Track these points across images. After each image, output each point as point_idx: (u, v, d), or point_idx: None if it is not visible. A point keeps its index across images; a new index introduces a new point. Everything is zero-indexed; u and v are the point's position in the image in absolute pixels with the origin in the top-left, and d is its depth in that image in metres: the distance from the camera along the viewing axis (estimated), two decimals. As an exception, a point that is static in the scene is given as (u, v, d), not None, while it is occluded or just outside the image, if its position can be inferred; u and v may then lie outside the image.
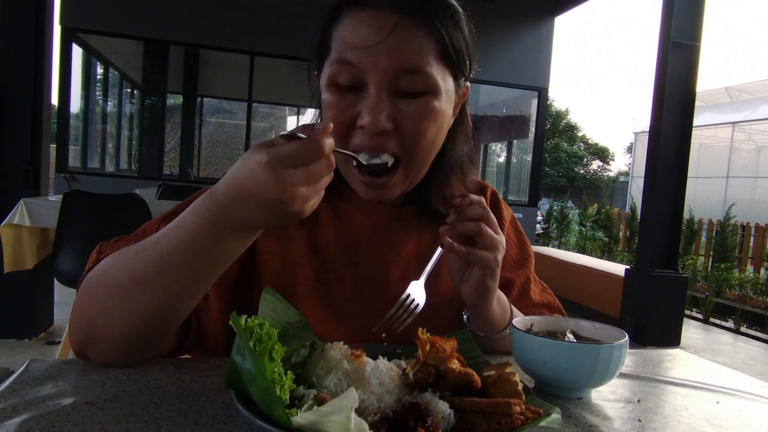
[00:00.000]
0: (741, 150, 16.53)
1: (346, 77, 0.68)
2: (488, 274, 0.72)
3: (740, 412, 0.66)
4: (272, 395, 0.46)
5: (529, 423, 0.50)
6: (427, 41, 0.67)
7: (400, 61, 0.66)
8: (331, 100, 0.70)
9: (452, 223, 0.71)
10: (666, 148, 4.27)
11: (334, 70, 0.68)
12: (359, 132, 0.69)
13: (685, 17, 4.25)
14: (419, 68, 0.67)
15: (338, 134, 0.69)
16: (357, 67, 0.67)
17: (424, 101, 0.69)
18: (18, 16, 3.21)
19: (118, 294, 0.62)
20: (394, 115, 0.68)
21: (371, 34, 0.65)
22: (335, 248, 0.81)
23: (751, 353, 4.50)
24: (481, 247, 0.71)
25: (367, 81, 0.67)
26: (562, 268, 5.66)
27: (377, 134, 0.67)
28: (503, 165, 11.32)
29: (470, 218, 0.71)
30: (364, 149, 0.69)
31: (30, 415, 0.50)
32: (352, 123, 0.69)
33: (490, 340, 0.79)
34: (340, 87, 0.69)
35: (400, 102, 0.68)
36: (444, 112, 0.72)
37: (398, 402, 0.53)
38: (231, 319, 0.50)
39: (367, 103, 0.67)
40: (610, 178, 34.61)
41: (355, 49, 0.66)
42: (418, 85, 0.68)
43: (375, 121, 0.66)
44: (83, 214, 2.43)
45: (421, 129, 0.69)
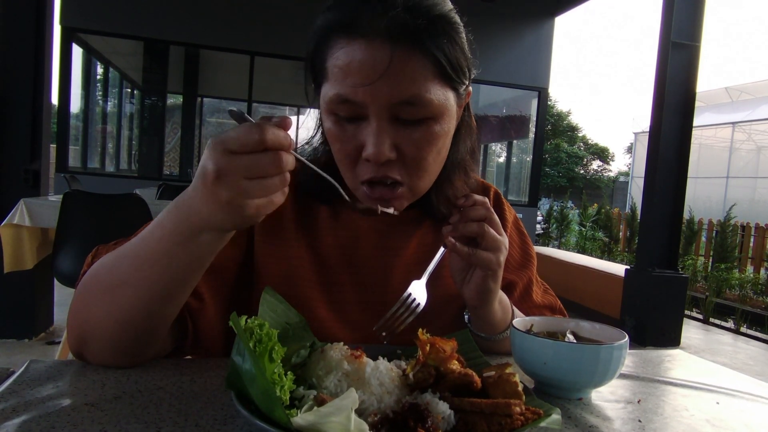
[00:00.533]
0: (741, 150, 16.53)
1: (346, 112, 0.68)
2: (490, 276, 0.72)
3: (740, 413, 0.66)
4: (272, 396, 0.46)
5: (529, 423, 0.50)
6: (424, 67, 0.66)
7: (398, 94, 0.65)
8: (334, 132, 0.70)
9: (455, 224, 0.71)
10: (666, 148, 4.27)
11: (333, 106, 0.68)
12: (364, 164, 0.69)
13: (685, 17, 4.25)
14: (418, 98, 0.66)
15: (346, 167, 0.71)
16: (357, 104, 0.66)
17: (425, 127, 0.68)
18: (18, 16, 3.21)
19: (105, 295, 0.62)
20: (397, 143, 0.68)
21: (367, 69, 0.64)
22: (336, 251, 0.81)
23: (751, 353, 4.50)
24: (484, 248, 0.70)
25: (368, 113, 0.66)
26: (562, 269, 5.66)
27: (382, 164, 0.68)
28: (503, 165, 11.33)
29: (473, 219, 0.71)
30: (372, 179, 0.70)
31: (30, 416, 0.50)
32: (357, 155, 0.69)
33: (491, 341, 0.79)
34: (340, 118, 0.69)
35: (402, 130, 0.68)
36: (447, 132, 0.72)
37: (398, 403, 0.53)
38: (231, 320, 0.50)
39: (369, 134, 0.67)
40: (610, 179, 34.62)
41: (352, 85, 0.65)
42: (419, 113, 0.67)
43: (378, 152, 0.66)
44: (83, 214, 2.43)
45: (424, 154, 0.70)
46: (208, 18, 7.00)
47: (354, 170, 0.71)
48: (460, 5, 0.74)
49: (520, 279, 0.92)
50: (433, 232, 0.85)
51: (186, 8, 6.94)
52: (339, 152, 0.71)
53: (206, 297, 0.74)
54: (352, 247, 0.82)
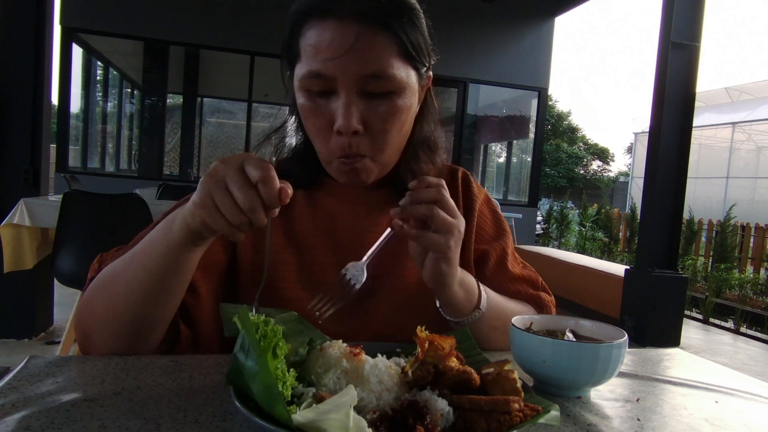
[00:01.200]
0: (741, 150, 16.53)
1: (318, 86, 0.73)
2: (441, 258, 0.70)
3: (739, 412, 0.66)
4: (275, 392, 0.46)
5: (528, 420, 0.50)
6: (388, 44, 0.72)
7: (365, 68, 0.71)
8: (307, 107, 0.75)
9: (404, 206, 0.70)
10: (666, 148, 4.27)
11: (306, 81, 0.73)
12: (337, 138, 0.74)
13: (685, 17, 4.25)
14: (383, 72, 0.72)
15: (320, 141, 0.77)
16: (327, 78, 0.71)
17: (389, 101, 0.74)
18: (18, 16, 3.21)
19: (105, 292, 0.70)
20: (364, 117, 0.73)
21: (336, 44, 0.70)
22: (314, 234, 0.84)
23: (750, 353, 4.50)
24: (434, 231, 0.69)
25: (337, 87, 0.72)
26: (562, 269, 5.66)
27: (351, 135, 0.73)
28: (503, 165, 11.33)
29: (423, 201, 0.69)
30: (342, 151, 0.74)
31: (29, 412, 0.50)
32: (329, 128, 0.74)
33: (460, 324, 0.78)
34: (312, 93, 0.74)
35: (369, 103, 0.73)
36: (409, 107, 0.77)
37: (397, 400, 0.53)
38: (238, 315, 0.50)
39: (339, 107, 0.72)
40: (610, 179, 34.61)
41: (322, 60, 0.71)
42: (384, 86, 0.73)
43: (348, 124, 0.71)
44: (83, 214, 2.43)
45: (389, 127, 0.75)
46: (209, 18, 7.00)
47: (327, 144, 0.76)
48: (461, 5, 0.76)
49: (493, 249, 0.93)
50: None
51: (186, 8, 6.94)
52: (312, 126, 0.76)
53: (202, 292, 0.77)
54: (330, 230, 0.85)
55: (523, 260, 0.99)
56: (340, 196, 0.87)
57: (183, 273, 0.67)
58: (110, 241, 2.67)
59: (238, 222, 0.57)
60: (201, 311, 0.77)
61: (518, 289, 0.93)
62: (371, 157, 0.76)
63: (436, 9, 0.83)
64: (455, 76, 7.91)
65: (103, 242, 2.50)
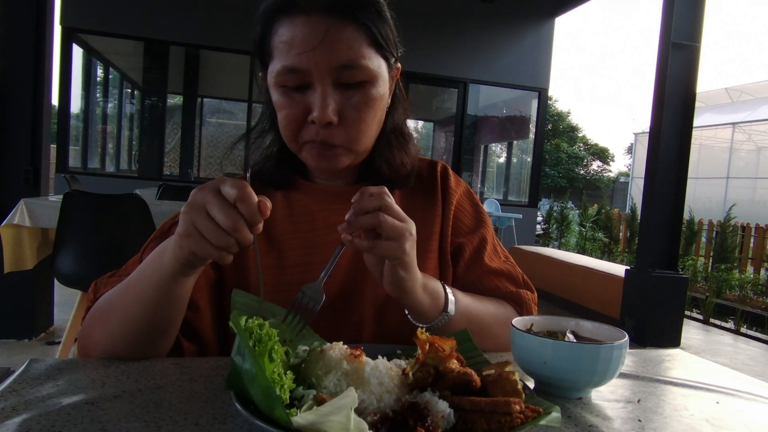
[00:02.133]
0: (741, 151, 16.52)
1: (293, 81, 0.74)
2: (398, 264, 0.69)
3: (740, 413, 0.66)
4: (272, 395, 0.46)
5: (529, 422, 0.50)
6: (358, 35, 0.74)
7: (337, 59, 0.72)
8: (282, 102, 0.76)
9: (349, 220, 0.68)
10: (666, 148, 4.27)
11: (281, 77, 0.74)
12: (309, 127, 0.76)
13: (686, 18, 4.25)
14: (355, 62, 0.74)
15: (292, 132, 0.77)
16: (302, 72, 0.73)
17: (363, 91, 0.76)
18: (18, 17, 3.21)
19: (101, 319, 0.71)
20: (339, 107, 0.75)
21: (308, 38, 0.72)
22: (292, 236, 0.85)
23: (751, 354, 4.50)
24: (385, 239, 0.67)
25: (312, 80, 0.74)
26: (562, 269, 5.65)
27: (325, 126, 0.74)
28: (503, 166, 11.32)
29: (367, 211, 0.67)
30: (315, 142, 0.76)
31: (30, 415, 0.50)
32: (303, 119, 0.76)
33: (432, 329, 0.77)
34: (288, 89, 0.75)
35: (344, 93, 0.75)
36: (381, 97, 0.79)
37: (398, 402, 0.53)
38: (231, 320, 0.50)
39: (314, 99, 0.74)
40: (610, 179, 34.60)
41: (296, 55, 0.72)
42: (357, 76, 0.75)
43: (323, 114, 0.73)
44: (83, 214, 2.43)
45: (363, 116, 0.77)
46: (209, 18, 7.00)
47: (299, 133, 0.77)
48: (461, 6, 0.77)
49: (469, 242, 0.92)
50: None
51: (186, 8, 6.94)
52: (286, 117, 0.76)
53: (201, 306, 0.79)
54: (308, 230, 0.86)
55: (508, 255, 0.98)
56: (317, 195, 0.88)
57: (177, 302, 0.68)
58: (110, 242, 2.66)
59: (224, 244, 0.57)
60: (202, 324, 0.79)
61: (496, 285, 0.91)
62: (345, 146, 0.77)
63: (436, 9, 0.84)
64: (455, 77, 7.91)
65: (104, 243, 2.51)
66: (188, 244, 0.59)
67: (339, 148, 0.77)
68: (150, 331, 0.68)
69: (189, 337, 0.79)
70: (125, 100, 10.31)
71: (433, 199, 0.93)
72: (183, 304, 0.70)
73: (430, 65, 7.58)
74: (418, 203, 0.92)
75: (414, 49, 7.76)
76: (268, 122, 0.87)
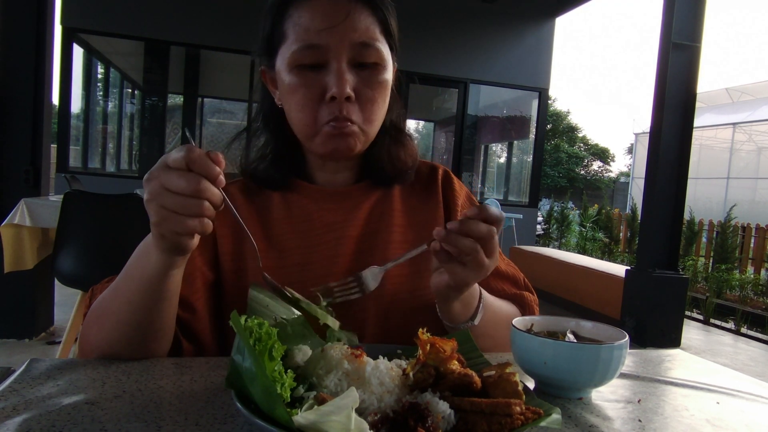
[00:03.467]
0: (741, 151, 16.52)
1: (310, 59, 0.76)
2: (453, 288, 0.71)
3: (741, 413, 0.66)
4: (273, 394, 0.46)
5: (530, 423, 0.50)
6: (373, 21, 0.79)
7: (357, 37, 0.76)
8: (297, 82, 0.78)
9: (451, 230, 0.65)
10: (666, 148, 4.26)
11: (298, 55, 0.76)
12: (326, 106, 0.77)
13: (686, 18, 4.25)
14: (371, 43, 0.78)
15: (309, 111, 0.78)
16: (321, 48, 0.75)
17: (377, 72, 0.80)
18: (19, 16, 3.21)
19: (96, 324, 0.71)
20: (354, 85, 0.77)
21: (332, 15, 0.75)
22: (291, 236, 0.86)
23: (751, 354, 4.50)
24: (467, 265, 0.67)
25: (329, 58, 0.76)
26: (563, 269, 5.65)
27: (344, 101, 0.76)
28: (503, 166, 11.32)
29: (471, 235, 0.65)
30: (333, 115, 0.77)
31: (30, 415, 0.50)
32: (320, 98, 0.77)
33: (454, 329, 0.79)
34: (302, 68, 0.77)
35: (358, 73, 0.78)
36: (389, 83, 0.83)
37: (398, 402, 0.53)
38: (231, 319, 0.50)
39: (332, 76, 0.76)
40: (610, 179, 34.59)
41: (318, 32, 0.75)
42: (372, 56, 0.78)
43: (342, 90, 0.75)
44: (84, 214, 2.43)
45: (376, 96, 0.80)
46: (209, 18, 7.01)
47: (315, 114, 0.78)
48: (462, 6, 0.78)
49: None
50: (381, 204, 0.90)
51: (187, 8, 6.94)
52: (303, 97, 0.78)
53: (198, 307, 0.79)
54: (307, 230, 0.86)
55: (507, 258, 0.99)
56: (314, 196, 0.88)
57: (167, 300, 0.68)
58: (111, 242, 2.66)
59: (197, 209, 0.56)
60: (199, 325, 0.80)
61: (501, 287, 0.93)
62: (360, 125, 0.79)
63: (436, 9, 0.85)
64: (456, 77, 7.91)
65: (104, 242, 2.51)
66: (167, 227, 0.57)
67: (355, 125, 0.79)
68: (143, 331, 0.68)
69: (187, 338, 0.79)
70: (126, 100, 10.31)
71: (433, 200, 0.93)
72: (174, 302, 0.70)
73: (430, 65, 7.57)
74: (417, 203, 0.93)
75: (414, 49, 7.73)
76: (263, 122, 0.89)
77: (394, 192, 0.92)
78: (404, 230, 0.89)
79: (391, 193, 0.91)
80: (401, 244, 0.87)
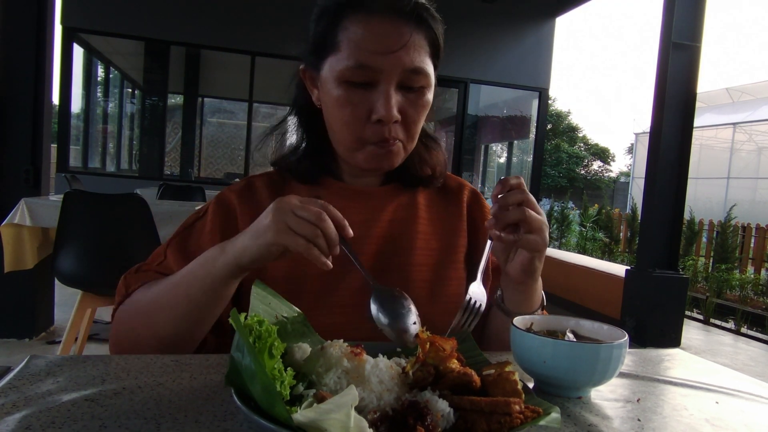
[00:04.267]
0: (742, 151, 16.51)
1: (360, 78, 0.77)
2: (537, 256, 0.75)
3: (740, 413, 0.66)
4: (273, 392, 0.46)
5: (529, 422, 0.50)
6: (426, 44, 0.79)
7: (410, 64, 0.76)
8: (345, 98, 0.78)
9: (495, 215, 0.73)
10: (667, 148, 4.26)
11: (349, 72, 0.76)
12: (371, 127, 0.79)
13: (686, 18, 4.25)
14: (422, 69, 0.78)
15: (354, 129, 0.79)
16: (372, 69, 0.76)
17: (422, 95, 0.80)
18: (19, 16, 3.21)
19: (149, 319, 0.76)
20: (400, 107, 0.78)
21: (391, 40, 0.75)
22: None
23: (751, 354, 4.50)
24: (528, 231, 0.72)
25: (379, 80, 0.77)
26: (563, 269, 5.65)
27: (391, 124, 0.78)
28: (504, 165, 11.33)
29: (511, 204, 0.72)
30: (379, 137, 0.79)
31: (30, 411, 0.50)
32: (366, 117, 0.78)
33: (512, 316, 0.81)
34: (352, 85, 0.77)
35: (404, 95, 0.79)
36: (431, 101, 0.84)
37: (398, 400, 0.53)
38: (231, 316, 0.50)
39: (380, 98, 0.77)
40: (610, 179, 34.57)
41: (372, 53, 0.75)
42: (420, 81, 0.79)
43: (390, 114, 0.77)
44: (84, 214, 2.43)
45: (419, 117, 0.82)
46: (209, 18, 7.01)
47: (360, 132, 0.80)
48: (462, 6, 0.78)
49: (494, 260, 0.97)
50: (406, 207, 0.92)
51: (187, 8, 6.94)
52: (350, 115, 0.79)
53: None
54: None
55: None
56: (341, 193, 0.89)
57: (224, 300, 0.74)
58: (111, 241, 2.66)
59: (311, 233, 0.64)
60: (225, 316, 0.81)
61: None
62: (403, 143, 0.82)
63: (436, 9, 0.84)
64: (456, 76, 7.91)
65: (104, 242, 2.51)
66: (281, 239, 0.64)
67: (400, 143, 0.81)
68: (194, 326, 0.74)
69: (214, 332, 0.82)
70: (126, 100, 10.32)
71: (457, 214, 0.96)
72: (225, 302, 0.75)
73: (430, 65, 7.56)
74: (441, 213, 0.95)
75: (414, 49, 7.74)
76: (297, 118, 0.90)
77: (419, 198, 0.94)
78: (427, 237, 0.91)
79: (416, 200, 0.93)
80: (424, 251, 0.89)
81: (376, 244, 0.87)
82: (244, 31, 7.09)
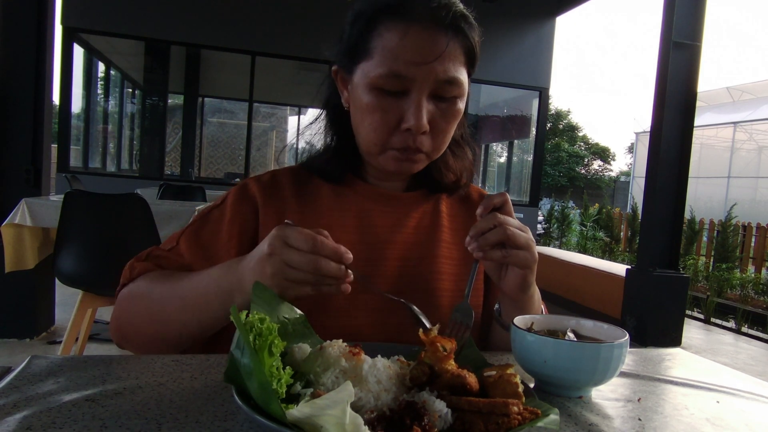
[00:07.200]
0: (742, 150, 16.49)
1: (393, 86, 0.75)
2: (528, 271, 0.74)
3: (741, 412, 0.66)
4: (269, 389, 0.46)
5: (527, 423, 0.50)
6: (461, 53, 0.77)
7: (444, 74, 0.75)
8: (376, 104, 0.77)
9: (474, 237, 0.72)
10: (667, 148, 4.26)
11: (382, 80, 0.75)
12: (399, 134, 0.78)
13: (687, 17, 4.25)
14: (456, 79, 0.76)
15: (381, 135, 0.79)
16: (406, 78, 0.74)
17: (454, 105, 0.79)
18: (19, 16, 3.21)
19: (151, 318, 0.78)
20: (430, 117, 0.77)
21: (426, 51, 0.73)
22: (341, 229, 0.86)
23: (752, 353, 4.49)
24: (515, 248, 0.72)
25: (412, 89, 0.75)
26: (563, 268, 5.65)
27: (420, 134, 0.77)
28: (504, 165, 11.33)
29: (491, 227, 0.71)
30: (403, 144, 0.78)
31: (31, 411, 0.50)
32: (395, 124, 0.78)
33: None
34: (383, 92, 0.76)
35: (436, 105, 0.78)
36: (462, 110, 0.82)
37: (395, 400, 0.53)
38: (231, 314, 0.50)
39: (410, 107, 0.76)
40: (611, 178, 34.53)
41: (406, 63, 0.73)
42: (453, 92, 0.78)
43: (420, 124, 0.75)
44: (84, 214, 2.43)
45: (449, 127, 0.81)
46: (210, 18, 7.01)
47: (386, 138, 0.79)
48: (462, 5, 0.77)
49: None
50: (429, 215, 0.92)
51: (187, 8, 6.94)
52: (379, 122, 0.78)
53: None
54: (360, 226, 0.87)
55: None
56: (367, 194, 0.89)
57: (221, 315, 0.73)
58: (111, 241, 2.66)
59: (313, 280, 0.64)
60: None
61: None
62: (427, 153, 0.81)
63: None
64: (456, 76, 7.89)
65: (105, 242, 2.51)
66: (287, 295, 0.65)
67: (422, 154, 0.80)
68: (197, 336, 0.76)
69: None
70: (126, 100, 10.33)
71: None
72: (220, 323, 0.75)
73: (430, 65, 7.56)
74: (463, 223, 0.94)
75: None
76: (327, 118, 0.90)
77: (442, 207, 0.93)
78: (450, 247, 0.90)
79: (440, 208, 0.93)
80: (448, 260, 0.89)
81: (401, 249, 0.87)
82: (245, 31, 7.09)
